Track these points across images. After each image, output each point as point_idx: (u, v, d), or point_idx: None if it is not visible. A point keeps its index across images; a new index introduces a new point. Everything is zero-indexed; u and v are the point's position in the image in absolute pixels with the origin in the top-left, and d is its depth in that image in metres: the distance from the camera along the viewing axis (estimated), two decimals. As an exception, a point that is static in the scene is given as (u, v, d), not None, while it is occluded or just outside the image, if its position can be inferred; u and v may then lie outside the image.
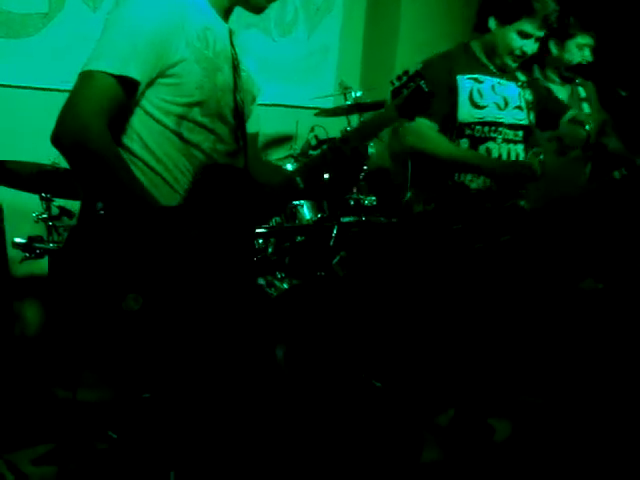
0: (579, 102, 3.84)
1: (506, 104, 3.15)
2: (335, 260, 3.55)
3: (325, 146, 2.19)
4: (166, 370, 1.94)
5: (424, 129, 2.99)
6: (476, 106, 3.09)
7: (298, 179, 2.13)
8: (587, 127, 3.22)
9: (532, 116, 3.22)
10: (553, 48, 3.73)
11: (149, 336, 1.87)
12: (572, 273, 3.33)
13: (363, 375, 3.31)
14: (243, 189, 2.09)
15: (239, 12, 2.21)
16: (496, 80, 3.15)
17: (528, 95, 3.22)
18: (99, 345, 1.90)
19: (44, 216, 3.25)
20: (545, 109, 3.30)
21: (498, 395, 3.22)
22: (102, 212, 1.90)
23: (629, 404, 3.17)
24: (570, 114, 3.31)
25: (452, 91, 3.08)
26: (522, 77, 3.25)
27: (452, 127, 3.11)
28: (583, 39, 3.78)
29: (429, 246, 3.13)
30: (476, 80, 3.11)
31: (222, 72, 2.06)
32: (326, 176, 2.19)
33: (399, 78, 2.20)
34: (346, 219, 3.64)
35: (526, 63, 3.28)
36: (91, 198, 1.96)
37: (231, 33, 2.15)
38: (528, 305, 3.12)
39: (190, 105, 1.99)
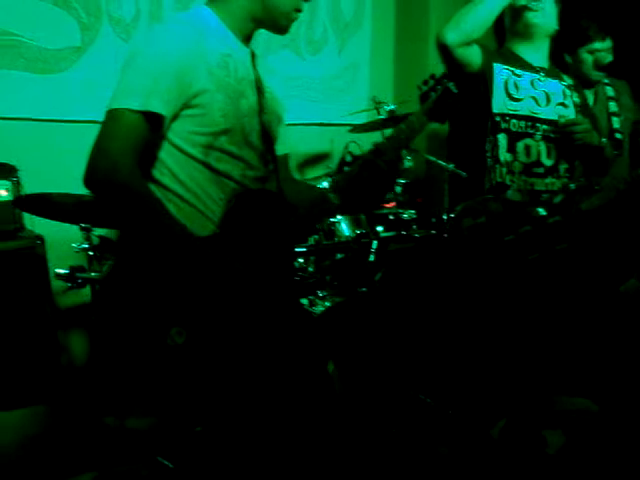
0: (606, 101, 3.77)
1: (548, 100, 3.08)
2: (377, 276, 3.53)
3: (358, 161, 2.16)
4: (216, 399, 1.93)
5: None
6: (511, 98, 3.04)
7: (332, 196, 2.11)
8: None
9: (580, 118, 3.12)
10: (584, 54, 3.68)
11: (196, 367, 1.86)
12: (618, 275, 3.27)
13: (411, 391, 3.27)
14: (277, 212, 2.08)
15: (269, 34, 2.21)
16: (536, 76, 3.10)
17: (576, 98, 3.16)
18: (147, 377, 1.89)
19: (84, 246, 3.28)
20: (588, 113, 3.22)
21: (550, 406, 3.16)
22: (138, 249, 1.91)
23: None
24: None
25: (487, 77, 3.02)
26: (568, 80, 3.19)
27: (487, 118, 3.05)
28: (609, 43, 3.74)
29: (481, 259, 3.08)
30: (513, 72, 3.06)
31: (246, 97, 2.06)
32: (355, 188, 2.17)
33: (426, 82, 2.18)
34: (385, 234, 3.61)
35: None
36: (126, 234, 1.97)
37: (253, 56, 2.15)
38: (579, 311, 3.06)
39: (216, 134, 1.99)
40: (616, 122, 3.73)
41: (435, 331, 3.43)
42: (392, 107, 4.02)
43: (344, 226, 3.62)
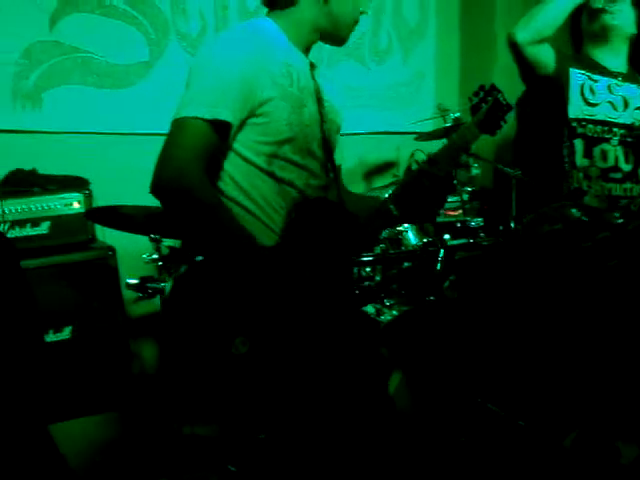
0: None
1: (626, 105, 3.02)
2: (446, 284, 3.51)
3: (414, 171, 2.16)
4: (281, 408, 1.94)
5: None
6: (587, 103, 2.99)
7: (392, 206, 2.11)
8: None
9: None
10: None
11: (259, 376, 1.87)
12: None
13: (479, 400, 3.23)
14: (339, 221, 2.08)
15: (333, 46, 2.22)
16: (613, 80, 3.04)
17: None
18: (213, 385, 1.91)
19: (154, 257, 3.33)
20: None
21: (626, 417, 3.08)
22: (202, 259, 1.92)
23: None
24: None
25: (562, 81, 2.99)
26: None
27: (563, 123, 3.01)
28: None
29: (558, 266, 3.03)
30: (589, 77, 3.01)
31: (307, 107, 2.06)
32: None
33: (476, 94, 2.17)
34: (453, 242, 3.59)
35: None
36: (192, 243, 1.99)
37: (312, 67, 2.16)
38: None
39: (280, 143, 1.99)
40: None
41: (505, 339, 3.38)
42: (458, 114, 4.00)
43: (411, 235, 3.61)
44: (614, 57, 3.05)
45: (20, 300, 2.11)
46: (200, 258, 1.94)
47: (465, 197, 3.93)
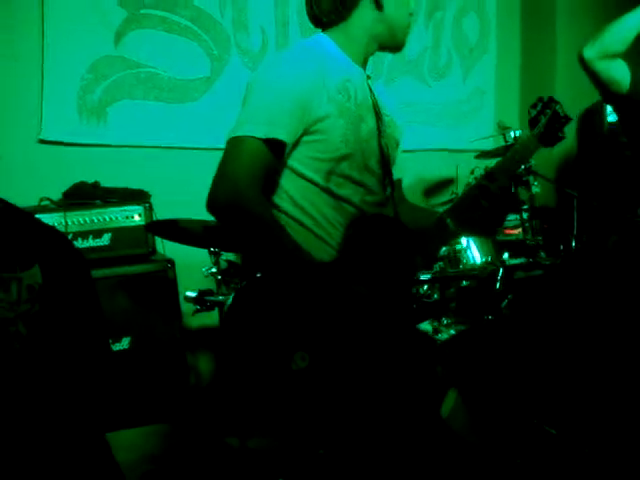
0: None
1: None
2: (504, 303, 3.47)
3: (472, 186, 2.15)
4: (338, 424, 1.93)
5: None
6: None
7: (449, 220, 2.09)
8: None
9: None
10: None
11: (318, 391, 1.87)
12: None
13: (536, 421, 3.18)
14: (396, 237, 2.07)
15: (393, 60, 2.22)
16: None
17: None
18: (272, 399, 1.91)
19: (213, 270, 3.36)
20: None
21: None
22: (263, 273, 1.93)
23: None
24: None
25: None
26: None
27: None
28: None
29: (626, 277, 2.97)
30: None
31: (365, 122, 2.06)
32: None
33: (535, 106, 2.15)
34: (512, 261, 3.55)
35: None
36: (251, 259, 2.01)
37: (369, 80, 2.16)
38: None
39: (337, 160, 1.99)
40: None
41: (565, 360, 3.33)
42: (518, 133, 3.96)
43: (470, 253, 3.58)
44: None
45: (90, 309, 2.14)
46: (260, 274, 1.95)
47: (525, 215, 3.88)
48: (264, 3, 4.25)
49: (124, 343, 3.41)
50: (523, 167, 3.93)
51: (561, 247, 3.84)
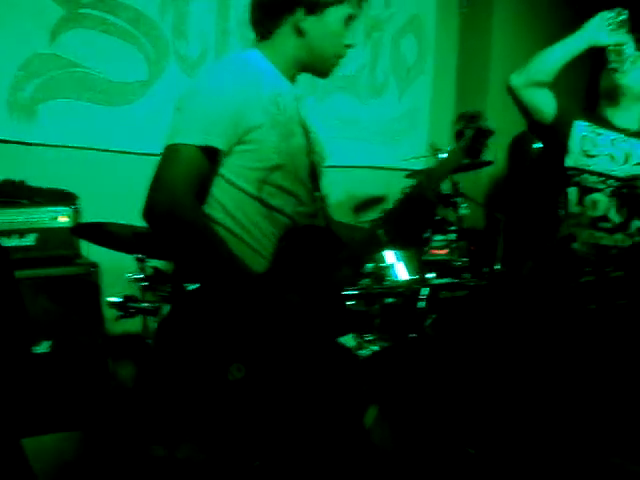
0: None
1: (626, 159, 3.04)
2: (428, 322, 3.52)
3: (401, 196, 2.20)
4: (271, 435, 1.94)
5: None
6: (586, 154, 3.02)
7: (380, 232, 2.13)
8: None
9: None
10: None
11: (254, 401, 1.88)
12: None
13: (456, 440, 3.23)
14: (327, 248, 2.10)
15: (330, 77, 2.24)
16: (620, 135, 3.07)
17: None
18: (207, 410, 1.90)
19: (138, 276, 3.32)
20: None
21: (606, 468, 3.08)
22: (194, 288, 1.94)
23: None
24: None
25: (564, 132, 3.02)
26: None
27: (561, 171, 3.04)
28: None
29: (539, 305, 3.05)
30: (594, 130, 3.04)
31: (295, 135, 2.08)
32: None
33: (459, 120, 2.23)
34: (437, 281, 3.60)
35: None
36: (185, 269, 2.00)
37: (298, 97, 2.18)
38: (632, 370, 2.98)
39: (270, 169, 2.01)
40: None
41: (484, 380, 3.39)
42: (446, 155, 4.01)
43: (395, 271, 3.62)
44: (625, 116, 3.07)
45: (12, 309, 2.10)
46: (196, 285, 1.95)
47: (452, 237, 3.94)
48: (205, 11, 4.23)
49: (44, 346, 3.35)
50: (453, 186, 4.02)
51: (486, 269, 3.91)
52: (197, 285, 1.96)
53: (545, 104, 3.00)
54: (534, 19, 5.09)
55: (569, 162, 3.01)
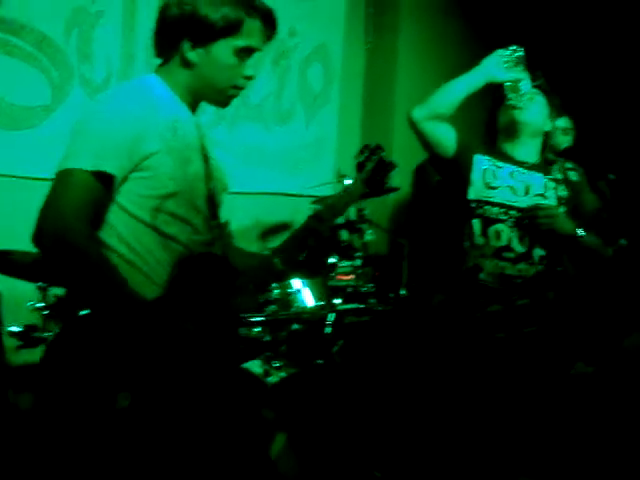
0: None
1: (526, 191, 3.11)
2: (335, 348, 3.54)
3: (300, 226, 2.23)
4: (160, 462, 1.91)
5: None
6: (488, 186, 3.09)
7: (276, 260, 2.15)
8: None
9: (562, 210, 3.11)
10: None
11: (143, 431, 1.85)
12: (568, 357, 3.29)
13: (363, 465, 3.25)
14: (222, 276, 2.09)
15: (236, 103, 2.24)
16: (518, 168, 3.14)
17: (562, 191, 3.15)
18: (95, 439, 1.87)
19: (40, 305, 3.25)
20: (575, 206, 3.19)
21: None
22: (86, 313, 1.91)
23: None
24: None
25: (466, 165, 3.10)
26: (559, 175, 3.19)
27: (463, 204, 3.11)
28: (566, 123, 3.85)
29: (448, 335, 3.11)
30: (494, 164, 3.12)
31: (192, 163, 2.08)
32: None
33: (361, 152, 2.28)
34: (343, 306, 3.64)
35: None
36: (75, 295, 1.97)
37: (198, 124, 2.18)
38: (537, 393, 3.05)
39: (164, 197, 2.00)
40: None
41: (391, 404, 3.43)
42: (351, 181, 4.07)
43: (301, 297, 3.64)
44: (523, 150, 3.15)
45: None
46: (84, 312, 1.92)
47: (358, 262, 3.99)
48: (111, 35, 4.18)
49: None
50: (358, 213, 4.07)
51: (391, 295, 3.96)
52: (88, 311, 1.93)
53: (446, 137, 3.08)
54: (438, 53, 5.23)
55: (472, 194, 3.09)
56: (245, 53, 2.09)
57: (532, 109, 3.09)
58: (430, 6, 5.32)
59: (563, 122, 3.84)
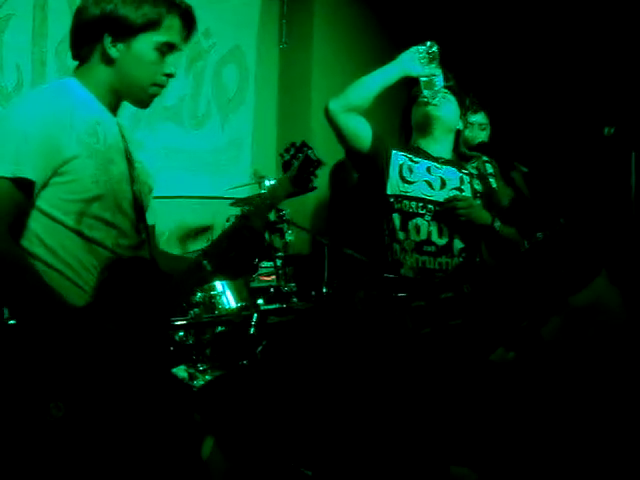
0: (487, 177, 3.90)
1: (443, 185, 3.15)
2: (259, 349, 3.54)
3: (227, 228, 2.23)
4: (94, 473, 1.88)
5: None
6: (405, 180, 3.12)
7: (205, 262, 2.14)
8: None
9: (478, 203, 3.18)
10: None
11: (76, 440, 1.82)
12: (487, 343, 3.35)
13: (292, 463, 3.26)
14: (151, 280, 2.08)
15: (153, 105, 2.22)
16: (434, 163, 3.18)
17: (477, 185, 3.21)
18: (27, 453, 1.83)
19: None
20: (490, 199, 3.26)
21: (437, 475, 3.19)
22: (11, 321, 1.87)
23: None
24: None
25: (383, 161, 3.13)
26: (473, 170, 3.26)
27: (382, 199, 3.14)
28: (483, 118, 3.93)
29: (373, 332, 3.13)
30: (410, 159, 3.16)
31: (116, 164, 2.06)
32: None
33: (287, 150, 2.30)
34: (266, 307, 3.64)
35: None
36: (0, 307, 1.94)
37: (120, 126, 2.16)
38: (465, 382, 3.09)
39: (88, 201, 1.97)
40: None
41: (317, 403, 3.45)
42: (273, 181, 4.07)
43: (225, 299, 3.63)
44: (438, 146, 3.21)
45: None
46: (12, 321, 1.88)
47: (279, 263, 4.00)
48: (20, 41, 4.09)
49: None
50: (278, 214, 4.08)
51: (313, 293, 3.98)
52: (14, 321, 1.90)
53: (361, 130, 3.11)
54: (353, 51, 5.29)
55: (389, 190, 3.12)
56: (165, 49, 2.09)
57: (445, 105, 3.16)
58: (344, 5, 5.37)
59: (480, 117, 3.92)
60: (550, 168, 3.91)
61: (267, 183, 4.06)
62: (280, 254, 4.08)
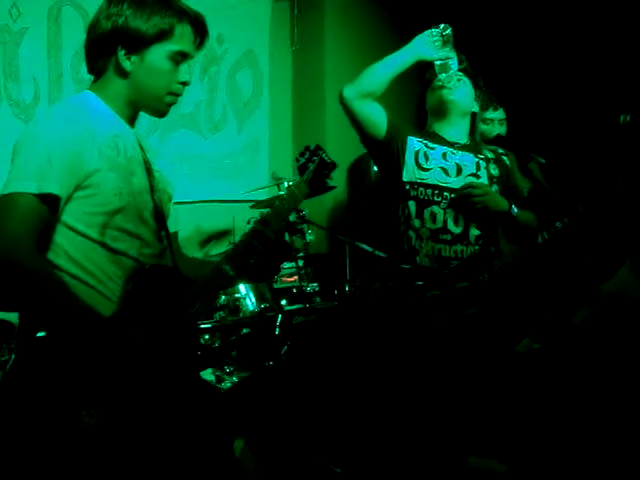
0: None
1: (459, 171, 3.14)
2: (284, 350, 3.56)
3: (248, 232, 2.24)
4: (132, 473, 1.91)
5: None
6: (420, 167, 3.11)
7: (227, 267, 2.16)
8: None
9: (495, 189, 3.15)
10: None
11: (108, 447, 1.85)
12: (512, 334, 3.34)
13: (321, 461, 3.28)
14: (175, 287, 2.10)
15: (170, 114, 2.24)
16: (449, 149, 3.17)
17: (494, 170, 3.19)
18: (61, 460, 1.86)
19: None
20: (507, 186, 3.24)
21: (461, 466, 3.19)
22: (42, 335, 1.90)
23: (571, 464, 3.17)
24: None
25: (399, 148, 3.13)
26: (489, 154, 3.24)
27: (398, 186, 3.13)
28: (501, 113, 3.93)
29: (389, 323, 3.12)
30: (426, 145, 3.14)
31: (136, 176, 2.08)
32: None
33: (302, 154, 2.31)
34: (289, 307, 3.66)
35: None
36: (29, 317, 1.96)
37: (138, 137, 2.18)
38: (486, 374, 3.09)
39: (111, 213, 2.00)
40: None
41: (344, 400, 3.46)
42: (292, 182, 4.10)
43: (249, 301, 3.65)
44: (453, 130, 3.18)
45: None
46: (42, 333, 1.91)
47: (300, 263, 4.02)
48: (37, 54, 4.15)
49: None
50: (298, 215, 4.10)
51: (336, 292, 4.00)
52: (43, 333, 1.93)
53: (376, 116, 3.09)
54: (365, 49, 5.26)
55: (405, 177, 3.11)
56: (179, 58, 2.10)
57: (460, 89, 3.14)
58: (354, 4, 5.38)
59: (499, 113, 3.92)
60: (567, 158, 3.90)
61: (285, 184, 4.10)
62: (301, 254, 4.10)
